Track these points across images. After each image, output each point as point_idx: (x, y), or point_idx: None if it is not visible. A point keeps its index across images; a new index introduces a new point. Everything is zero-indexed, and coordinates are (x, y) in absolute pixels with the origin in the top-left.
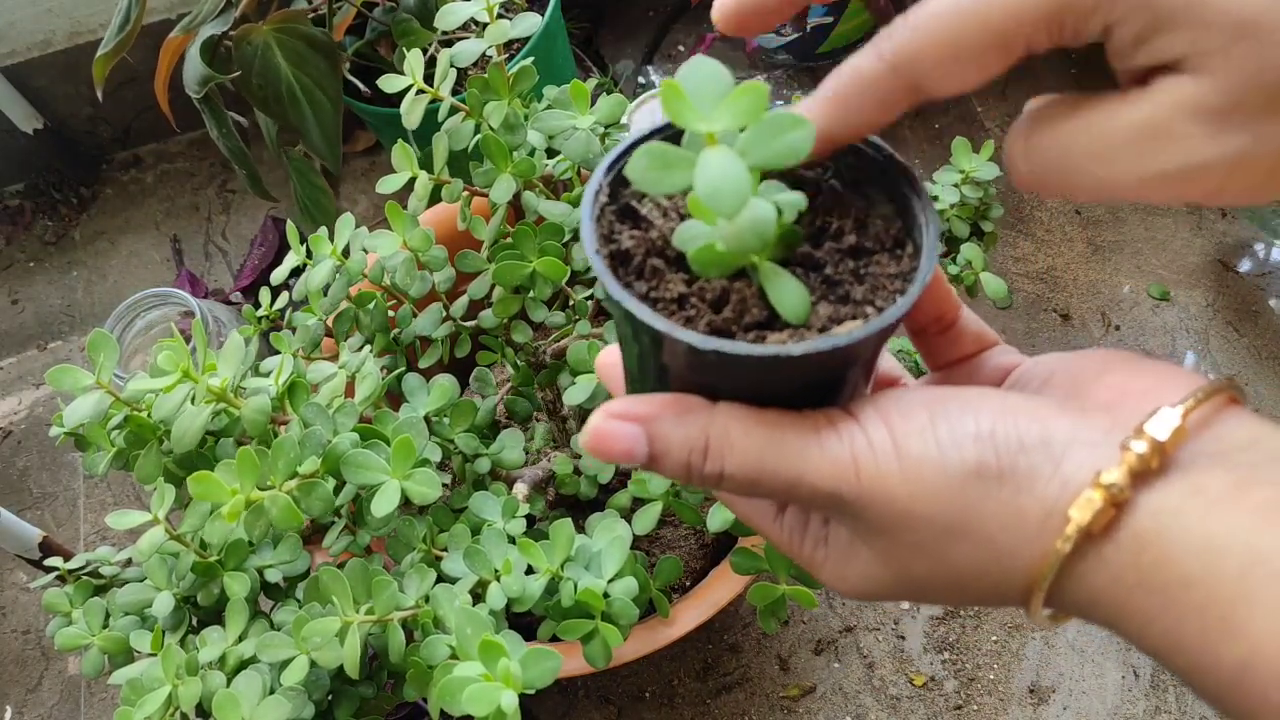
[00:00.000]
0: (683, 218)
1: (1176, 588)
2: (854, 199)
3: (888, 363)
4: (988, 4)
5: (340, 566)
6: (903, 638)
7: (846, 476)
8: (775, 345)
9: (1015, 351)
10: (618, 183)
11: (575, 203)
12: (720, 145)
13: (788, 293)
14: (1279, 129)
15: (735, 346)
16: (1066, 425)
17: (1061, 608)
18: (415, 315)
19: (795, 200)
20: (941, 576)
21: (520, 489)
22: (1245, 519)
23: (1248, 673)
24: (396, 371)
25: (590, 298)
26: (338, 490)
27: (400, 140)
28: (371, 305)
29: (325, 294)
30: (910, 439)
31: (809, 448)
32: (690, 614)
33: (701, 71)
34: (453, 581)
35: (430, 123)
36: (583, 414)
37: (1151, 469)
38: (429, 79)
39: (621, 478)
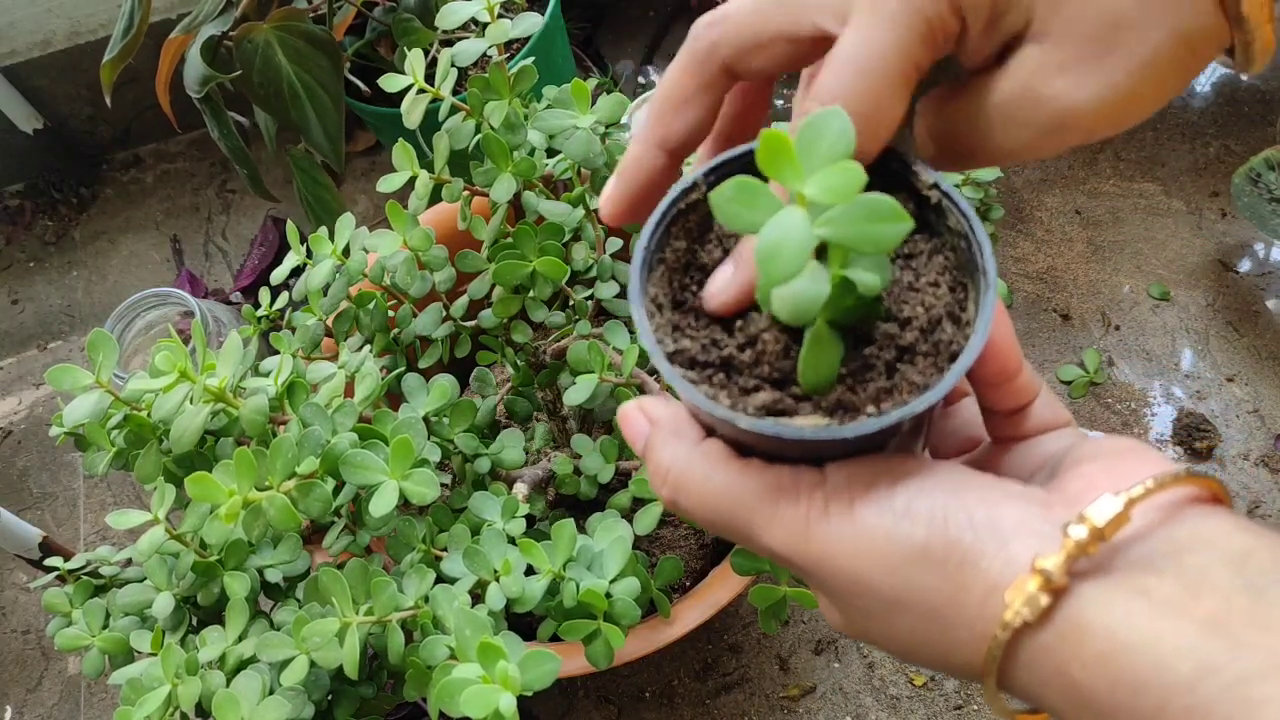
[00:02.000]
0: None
1: (1125, 690)
2: (931, 250)
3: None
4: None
5: (340, 567)
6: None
7: (796, 541)
8: (769, 421)
9: (1078, 434)
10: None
11: (575, 202)
12: (801, 210)
13: (814, 366)
14: (1119, 64)
15: (727, 413)
16: (1016, 512)
17: (1015, 694)
18: (415, 315)
19: (872, 282)
20: (894, 641)
21: (520, 489)
22: (1193, 626)
23: None
24: (396, 371)
25: (590, 298)
26: (337, 491)
27: (401, 140)
28: (371, 305)
29: (325, 294)
30: (868, 508)
31: (764, 507)
32: (690, 614)
33: (826, 126)
34: (452, 582)
35: (431, 122)
36: (583, 414)
37: (1090, 555)
38: (430, 78)
39: (622, 478)
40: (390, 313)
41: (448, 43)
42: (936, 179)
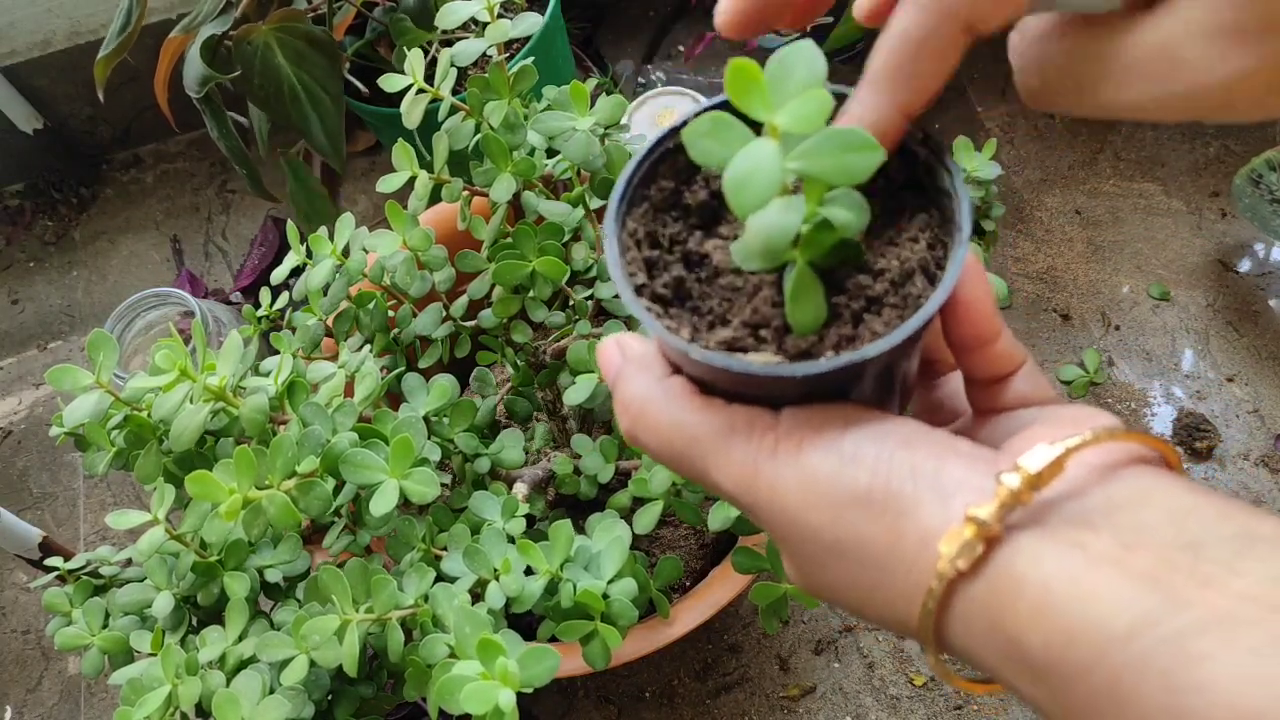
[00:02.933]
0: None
1: (1059, 644)
2: (916, 208)
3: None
4: None
5: (340, 566)
6: (903, 638)
7: (745, 479)
8: (720, 354)
9: (1066, 405)
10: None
11: (575, 202)
12: (773, 141)
13: (801, 306)
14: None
15: (682, 344)
16: (962, 468)
17: (953, 653)
18: (415, 315)
19: (848, 220)
20: (837, 590)
21: (520, 489)
22: (1128, 579)
23: None
24: (396, 371)
25: (590, 298)
26: (337, 490)
27: (400, 140)
28: (371, 305)
29: (325, 294)
30: (815, 450)
31: (718, 445)
32: (690, 614)
33: (796, 56)
34: (452, 581)
35: (430, 122)
36: (583, 414)
37: (1025, 504)
38: (429, 78)
39: (621, 478)
40: (390, 313)
41: (447, 42)
42: (926, 133)
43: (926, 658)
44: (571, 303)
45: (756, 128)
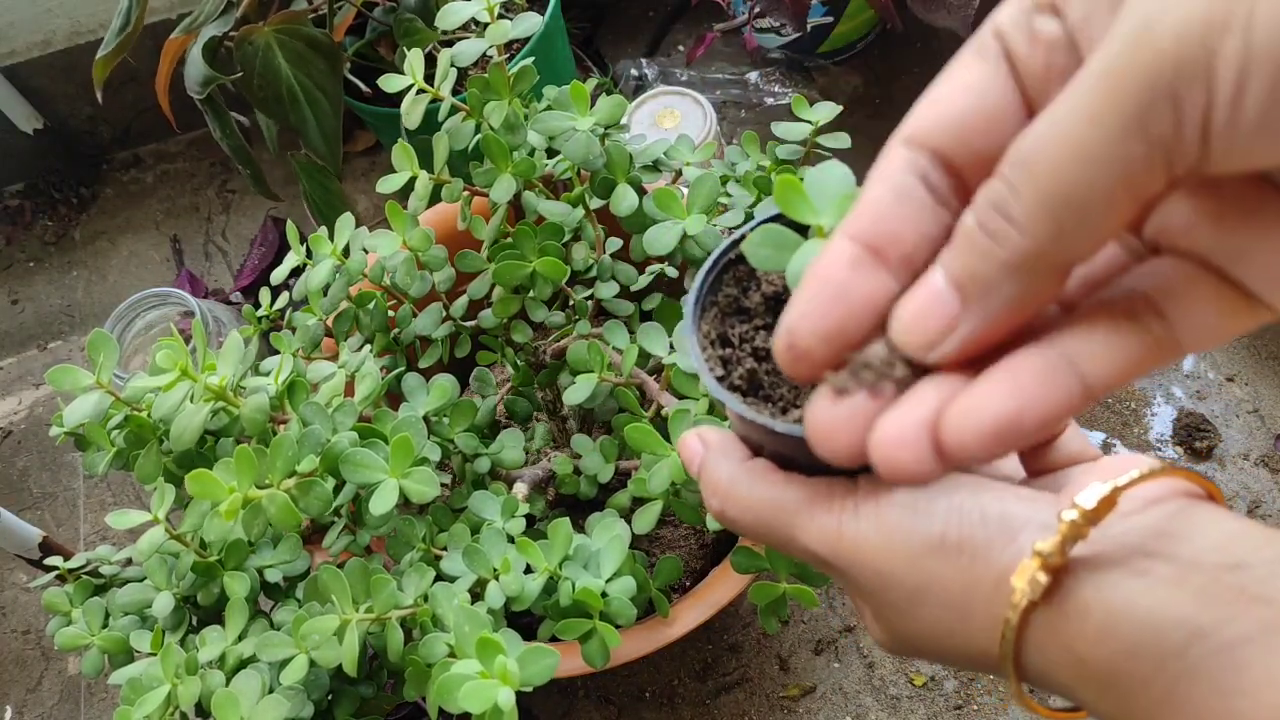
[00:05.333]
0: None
1: (1123, 658)
2: None
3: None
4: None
5: (340, 566)
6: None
7: (831, 540)
8: (801, 426)
9: (1113, 456)
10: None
11: (575, 202)
12: (821, 240)
13: None
14: None
15: (767, 420)
16: (1025, 507)
17: (1031, 681)
18: (415, 315)
19: None
20: (921, 636)
21: (520, 489)
22: (1186, 597)
23: None
24: (396, 371)
25: (590, 298)
26: (337, 490)
27: (400, 140)
28: (371, 305)
29: (325, 294)
30: (893, 507)
31: (802, 512)
32: (690, 614)
33: (829, 173)
34: (451, 580)
35: (430, 122)
36: (583, 414)
37: (1084, 538)
38: (429, 79)
39: (621, 478)
40: (390, 313)
41: (447, 43)
42: None
43: (1010, 688)
44: (571, 303)
45: (803, 232)
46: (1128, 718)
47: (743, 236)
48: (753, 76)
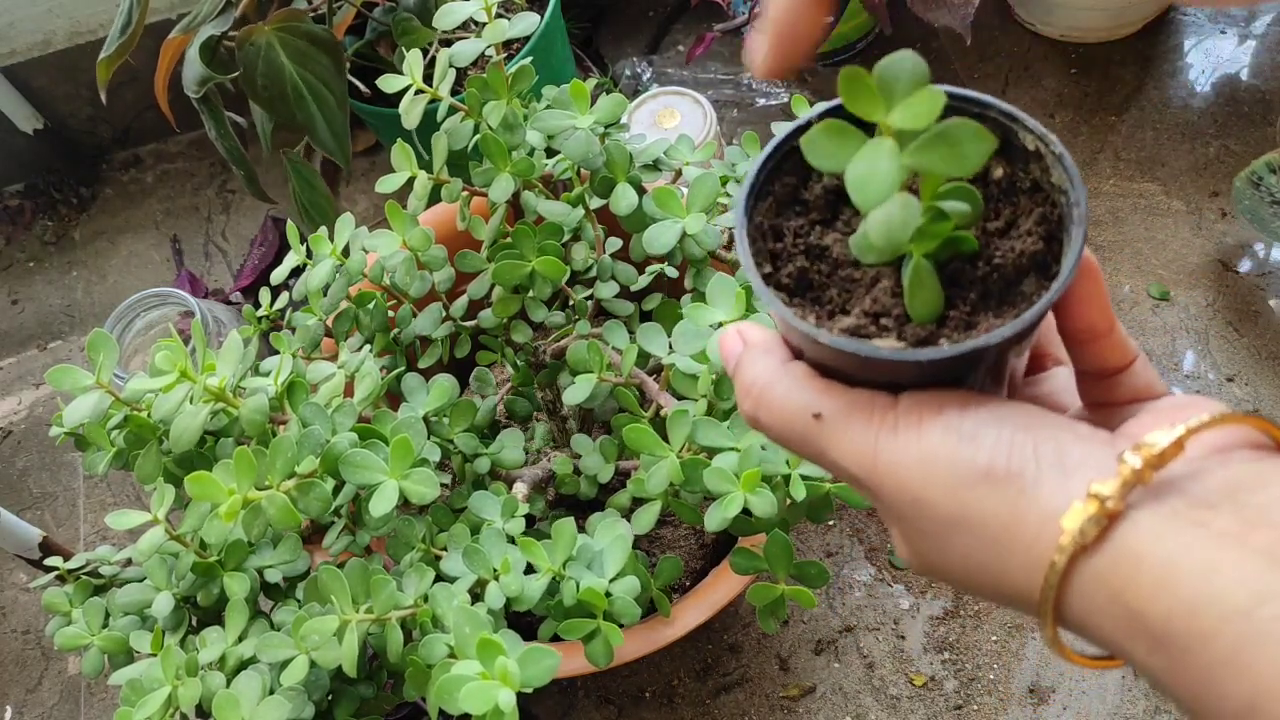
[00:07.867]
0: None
1: (1181, 616)
2: (1033, 203)
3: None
4: None
5: (340, 566)
6: (903, 638)
7: (864, 457)
8: (848, 339)
9: (1179, 396)
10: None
11: (574, 202)
12: (889, 139)
13: (920, 296)
14: None
15: (811, 329)
16: (1081, 449)
17: (1069, 626)
18: (415, 315)
19: (961, 210)
20: (950, 564)
21: (520, 489)
22: (1251, 555)
23: (1254, 714)
24: (396, 371)
25: (590, 297)
26: (337, 490)
27: (400, 140)
28: (371, 305)
29: (325, 294)
30: (935, 429)
31: (838, 424)
32: (690, 614)
33: (900, 64)
34: (451, 581)
35: (430, 122)
36: (583, 414)
37: (1145, 483)
38: (428, 79)
39: (621, 478)
40: (390, 313)
41: (446, 43)
42: (1039, 130)
43: (1043, 631)
44: (571, 303)
45: (868, 129)
46: (1180, 675)
47: (807, 123)
48: (746, 76)
